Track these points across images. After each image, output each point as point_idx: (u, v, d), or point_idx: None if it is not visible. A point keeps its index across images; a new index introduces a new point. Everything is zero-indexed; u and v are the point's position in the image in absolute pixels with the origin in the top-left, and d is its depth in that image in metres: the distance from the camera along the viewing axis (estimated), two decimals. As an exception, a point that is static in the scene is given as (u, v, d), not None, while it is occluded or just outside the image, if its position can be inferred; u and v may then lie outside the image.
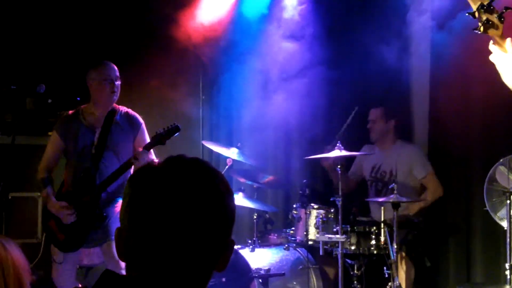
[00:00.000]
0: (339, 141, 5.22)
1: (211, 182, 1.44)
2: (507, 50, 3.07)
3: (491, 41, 3.13)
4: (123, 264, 1.34)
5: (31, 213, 5.91)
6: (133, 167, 4.63)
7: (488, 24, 3.06)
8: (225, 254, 1.47)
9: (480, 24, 3.06)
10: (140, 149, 4.55)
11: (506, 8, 3.05)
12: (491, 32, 3.07)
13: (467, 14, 3.10)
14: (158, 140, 4.57)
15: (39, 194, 5.70)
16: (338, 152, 5.13)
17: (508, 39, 3.07)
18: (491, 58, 3.15)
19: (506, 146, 5.25)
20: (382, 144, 5.96)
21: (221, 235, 1.44)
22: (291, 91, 6.06)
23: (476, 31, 3.08)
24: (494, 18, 3.05)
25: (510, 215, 4.62)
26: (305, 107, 6.03)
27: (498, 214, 4.94)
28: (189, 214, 1.39)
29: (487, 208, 4.99)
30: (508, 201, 4.60)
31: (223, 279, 4.93)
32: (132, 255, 1.43)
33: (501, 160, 4.89)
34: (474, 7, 3.08)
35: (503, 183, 4.86)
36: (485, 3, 3.04)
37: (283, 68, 6.18)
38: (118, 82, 4.69)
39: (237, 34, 6.33)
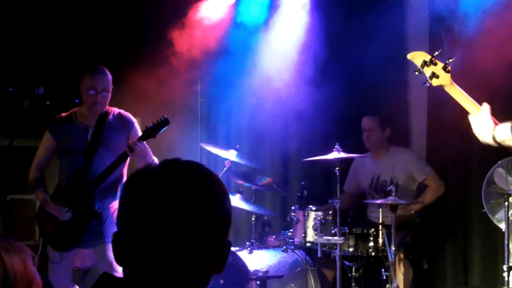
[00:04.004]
0: (337, 143, 5.21)
1: (206, 184, 1.44)
2: (479, 108, 3.32)
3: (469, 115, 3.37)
4: (116, 267, 1.33)
5: (29, 215, 5.90)
6: (128, 163, 4.68)
7: (434, 77, 3.30)
8: (222, 256, 1.47)
9: (428, 78, 3.31)
10: (134, 140, 4.54)
11: (450, 58, 3.29)
12: (438, 82, 3.32)
13: (414, 72, 3.36)
14: (148, 133, 4.56)
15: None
16: (336, 154, 5.13)
17: (485, 105, 3.33)
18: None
19: (505, 148, 5.25)
20: (377, 152, 5.93)
21: (217, 236, 1.45)
22: (290, 94, 6.06)
23: (426, 84, 3.33)
24: (439, 70, 3.29)
25: (508, 217, 4.62)
26: (303, 109, 6.02)
27: (496, 216, 4.94)
28: (185, 216, 1.39)
29: (485, 210, 4.99)
30: (506, 203, 4.60)
31: (221, 281, 4.92)
32: (130, 258, 1.43)
33: (499, 162, 4.89)
34: (418, 64, 3.33)
35: (501, 185, 4.86)
36: (427, 59, 3.29)
37: (281, 72, 6.18)
38: (103, 94, 4.63)
39: (236, 38, 6.33)
